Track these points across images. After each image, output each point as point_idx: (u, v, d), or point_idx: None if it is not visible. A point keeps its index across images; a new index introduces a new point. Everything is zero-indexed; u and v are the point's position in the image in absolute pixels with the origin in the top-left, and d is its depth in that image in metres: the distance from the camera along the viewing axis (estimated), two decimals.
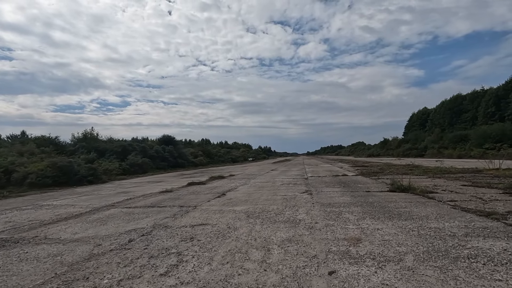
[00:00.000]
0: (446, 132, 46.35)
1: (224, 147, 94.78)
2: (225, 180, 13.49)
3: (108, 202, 7.55)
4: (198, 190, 9.68)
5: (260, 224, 4.42)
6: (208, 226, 4.46)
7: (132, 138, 35.56)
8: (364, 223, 4.19)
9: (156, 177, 18.85)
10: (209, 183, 12.24)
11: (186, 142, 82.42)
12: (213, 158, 51.50)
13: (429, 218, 4.37)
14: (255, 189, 9.19)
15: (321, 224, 4.25)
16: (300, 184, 10.27)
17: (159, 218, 5.22)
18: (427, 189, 7.30)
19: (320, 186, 9.38)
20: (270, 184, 10.56)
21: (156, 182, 14.09)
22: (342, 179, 11.46)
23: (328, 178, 12.40)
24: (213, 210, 5.74)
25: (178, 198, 7.75)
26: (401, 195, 6.83)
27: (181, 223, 4.72)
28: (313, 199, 6.69)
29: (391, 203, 5.72)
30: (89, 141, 26.24)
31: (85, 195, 9.58)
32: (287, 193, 7.84)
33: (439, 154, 39.04)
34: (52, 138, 27.26)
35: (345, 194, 7.22)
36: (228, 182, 12.34)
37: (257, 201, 6.74)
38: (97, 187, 12.78)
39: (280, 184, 10.58)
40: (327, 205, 5.81)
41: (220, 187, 10.43)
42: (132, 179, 17.85)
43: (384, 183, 9.37)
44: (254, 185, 10.47)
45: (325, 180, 11.51)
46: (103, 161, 22.04)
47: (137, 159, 25.29)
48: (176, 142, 39.61)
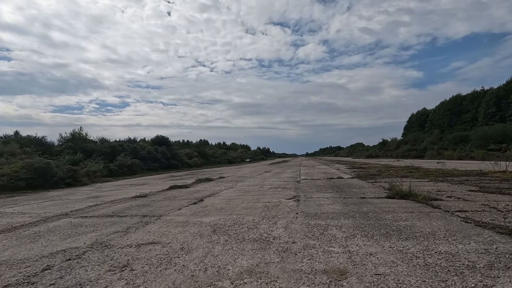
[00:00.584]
0: (446, 133, 45.55)
1: (222, 148, 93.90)
2: (211, 183, 12.55)
3: (66, 210, 6.60)
4: (176, 194, 8.75)
5: (223, 244, 3.49)
6: (158, 245, 3.53)
7: (126, 139, 34.54)
8: (354, 244, 3.27)
9: (143, 179, 17.90)
10: (193, 186, 11.30)
11: (184, 143, 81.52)
12: (209, 159, 50.53)
13: (436, 236, 3.45)
14: (239, 194, 8.26)
15: (299, 244, 3.33)
16: (290, 188, 9.35)
17: (106, 232, 4.28)
18: (430, 195, 6.39)
19: (310, 190, 8.46)
20: (257, 188, 9.63)
21: (139, 185, 13.14)
22: (337, 183, 10.54)
23: (322, 181, 11.48)
24: (177, 222, 4.81)
25: (148, 205, 6.82)
26: (401, 202, 5.92)
27: (128, 241, 3.79)
28: (298, 207, 5.77)
29: (388, 214, 4.80)
30: (76, 142, 25.26)
31: (50, 200, 8.63)
32: (272, 200, 6.92)
33: (439, 156, 38.20)
34: (39, 138, 26.30)
35: (336, 201, 6.30)
36: (214, 185, 11.41)
37: (234, 209, 5.81)
38: (72, 190, 11.83)
39: (268, 188, 9.66)
40: (313, 216, 4.88)
41: (202, 191, 9.49)
42: (116, 181, 16.90)
43: (382, 188, 8.45)
44: (240, 189, 9.54)
45: (318, 183, 10.59)
46: (89, 163, 21.07)
47: (126, 160, 24.32)
48: (170, 143, 38.66)
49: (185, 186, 10.96)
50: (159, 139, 37.90)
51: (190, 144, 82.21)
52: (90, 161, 22.13)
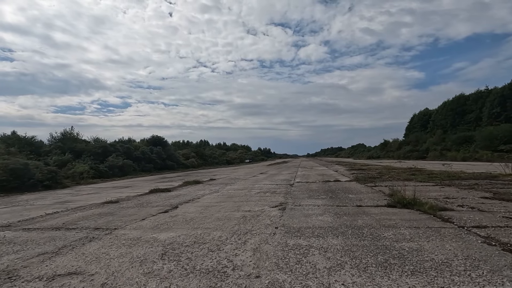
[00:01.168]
0: (449, 134, 44.44)
1: (222, 148, 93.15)
2: (198, 186, 11.64)
3: (15, 219, 5.70)
4: (152, 200, 7.84)
5: (162, 278, 2.57)
6: (76, 279, 2.62)
7: (119, 139, 33.67)
8: (339, 282, 2.34)
9: (130, 181, 17.01)
10: (177, 190, 10.39)
11: (184, 144, 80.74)
12: (207, 160, 49.68)
13: (453, 269, 2.52)
14: (220, 200, 7.34)
15: (264, 281, 2.40)
16: (280, 193, 8.42)
17: (30, 254, 3.38)
18: (438, 203, 5.45)
19: (301, 196, 7.53)
20: (244, 193, 8.71)
21: (122, 188, 12.25)
22: (332, 187, 9.60)
23: (317, 184, 10.54)
24: (127, 239, 3.90)
25: (112, 214, 5.91)
26: (404, 213, 4.98)
27: (44, 270, 2.88)
28: (281, 218, 4.84)
29: (389, 230, 3.87)
30: (66, 142, 24.42)
31: (12, 206, 7.75)
32: (254, 208, 5.99)
33: (442, 157, 37.15)
34: (28, 138, 25.47)
35: (328, 211, 5.36)
36: (199, 189, 10.50)
37: (205, 221, 4.89)
38: (47, 194, 10.95)
39: (257, 192, 8.74)
40: (295, 232, 3.95)
41: (182, 196, 8.58)
42: (103, 183, 16.02)
43: (382, 193, 7.51)
44: (225, 194, 8.63)
45: (312, 187, 9.66)
46: (77, 163, 20.22)
47: (117, 161, 23.46)
48: (166, 143, 37.77)
49: (168, 190, 10.05)
50: (155, 139, 37.04)
51: (190, 144, 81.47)
52: (79, 161, 21.27)
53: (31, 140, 25.20)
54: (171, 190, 10.11)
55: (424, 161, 34.51)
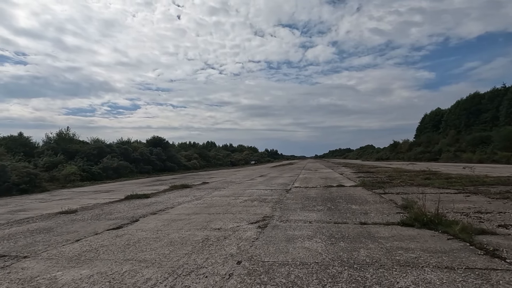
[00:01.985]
0: (463, 134, 42.20)
1: (228, 150, 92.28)
2: (184, 191, 10.39)
3: None
4: (116, 210, 6.61)
5: None
6: None
7: (119, 140, 32.81)
8: None
9: (119, 184, 15.90)
10: (157, 196, 9.17)
11: (191, 145, 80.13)
12: (210, 161, 48.63)
13: None
14: (194, 211, 6.05)
15: None
16: (270, 201, 7.09)
17: None
18: (471, 221, 4.04)
19: (294, 206, 6.18)
20: (228, 201, 7.41)
21: (102, 192, 11.11)
22: (334, 193, 8.21)
23: (317, 190, 9.17)
24: (14, 281, 2.64)
25: (50, 230, 4.69)
26: (425, 237, 3.59)
27: None
28: (253, 244, 3.51)
29: (406, 275, 2.50)
30: (60, 142, 23.60)
31: None
32: (227, 225, 4.67)
33: (456, 158, 35.09)
34: (25, 139, 24.80)
35: (320, 231, 4.01)
36: (183, 194, 9.25)
37: (151, 246, 3.60)
38: (13, 199, 9.87)
39: (243, 200, 7.43)
40: (261, 273, 2.62)
41: (156, 204, 7.33)
42: (89, 186, 14.96)
43: (393, 203, 6.10)
44: (206, 202, 7.34)
45: (310, 194, 8.29)
46: (69, 165, 19.28)
47: (111, 162, 22.49)
48: (167, 144, 36.80)
49: (146, 196, 8.83)
50: (155, 140, 36.11)
51: (197, 145, 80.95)
52: (71, 163, 20.34)
53: (25, 141, 24.53)
54: (149, 196, 8.89)
55: (437, 163, 32.56)
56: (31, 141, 24.99)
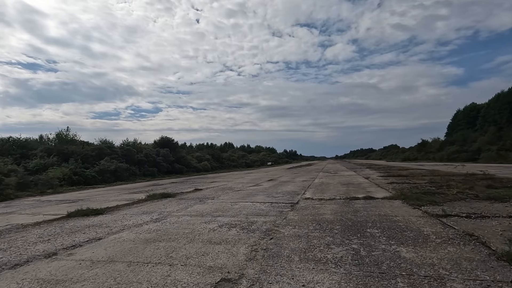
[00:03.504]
0: (506, 131, 37.16)
1: (245, 151, 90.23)
2: (157, 204, 7.92)
3: None
4: (18, 241, 4.21)
5: None
6: None
7: (125, 141, 31.25)
8: None
9: (105, 190, 13.79)
10: (112, 212, 6.76)
11: (208, 146, 78.98)
12: (223, 163, 46.51)
13: None
14: (122, 251, 3.51)
15: None
16: (257, 230, 4.41)
17: None
18: None
19: (291, 248, 3.47)
20: (193, 227, 4.81)
21: (67, 203, 8.92)
22: (361, 214, 5.38)
23: (335, 206, 6.36)
24: None
25: None
26: None
27: None
28: None
29: None
30: (56, 143, 22.16)
31: None
32: None
33: (500, 158, 30.53)
34: (22, 140, 23.60)
35: None
36: (147, 211, 6.78)
37: None
38: None
39: (217, 226, 4.81)
40: None
41: (92, 228, 4.89)
42: (70, 192, 12.95)
43: (482, 246, 3.22)
44: (161, 229, 4.79)
45: (323, 214, 5.52)
46: (59, 168, 17.55)
47: (109, 164, 20.65)
48: (175, 145, 34.94)
49: (96, 213, 6.43)
50: (164, 141, 34.34)
51: (214, 147, 79.77)
52: (64, 166, 18.65)
53: (23, 143, 23.31)
54: (101, 213, 6.48)
55: (478, 164, 28.26)
56: (28, 142, 23.80)
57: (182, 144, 51.38)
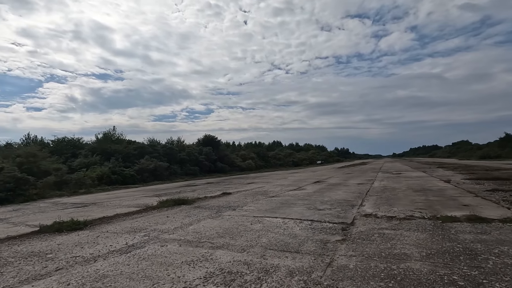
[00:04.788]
0: None
1: (294, 149, 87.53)
2: (155, 216, 6.13)
3: None
4: None
5: None
6: None
7: (169, 140, 31.27)
8: None
9: (135, 190, 12.78)
10: (105, 223, 5.13)
11: (256, 145, 78.53)
12: (269, 161, 44.60)
13: None
14: None
15: None
16: None
17: None
18: None
19: None
20: (167, 273, 2.76)
21: (77, 207, 7.76)
22: (487, 262, 2.71)
23: (420, 235, 3.74)
24: None
25: None
26: None
27: None
28: None
29: None
30: (102, 143, 22.55)
31: None
32: None
33: None
34: (75, 140, 24.68)
35: None
36: (133, 228, 4.98)
37: None
38: None
39: (202, 278, 2.68)
40: None
41: (23, 262, 3.17)
42: (99, 193, 12.23)
43: None
44: (118, 271, 2.85)
45: (405, 256, 2.99)
46: (98, 167, 17.44)
47: (148, 163, 20.17)
48: (218, 143, 34.01)
49: (75, 227, 4.85)
50: (207, 139, 33.69)
51: (262, 145, 78.99)
52: (105, 165, 18.57)
53: (76, 143, 24.35)
54: (81, 228, 4.88)
55: None
56: (82, 142, 24.79)
57: (227, 143, 50.95)
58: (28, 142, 23.68)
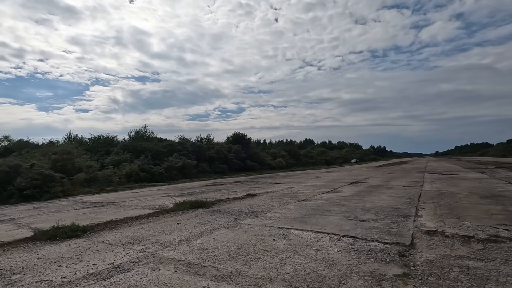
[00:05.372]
0: None
1: (326, 147, 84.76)
2: (162, 224, 5.34)
3: None
4: None
5: None
6: None
7: (199, 138, 31.20)
8: None
9: (163, 188, 12.39)
10: (87, 237, 4.45)
11: (287, 143, 77.36)
12: (300, 160, 43.09)
13: None
14: None
15: None
16: None
17: None
18: None
19: None
20: None
21: (94, 206, 7.35)
22: None
23: None
24: None
25: None
26: None
27: None
28: None
29: None
30: (134, 141, 22.87)
31: None
32: None
33: None
34: (110, 138, 25.44)
35: None
36: (121, 242, 4.20)
37: None
38: None
39: None
40: None
41: None
42: (123, 191, 12.01)
43: None
44: None
45: None
46: (127, 164, 17.53)
47: (176, 161, 19.97)
48: (248, 141, 33.30)
49: (72, 234, 4.23)
50: (236, 137, 33.14)
51: (294, 143, 77.58)
52: (136, 162, 18.67)
53: (110, 141, 25.04)
54: (79, 236, 4.22)
55: None
56: (116, 140, 25.46)
57: (257, 141, 50.16)
58: (70, 140, 24.82)
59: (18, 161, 10.72)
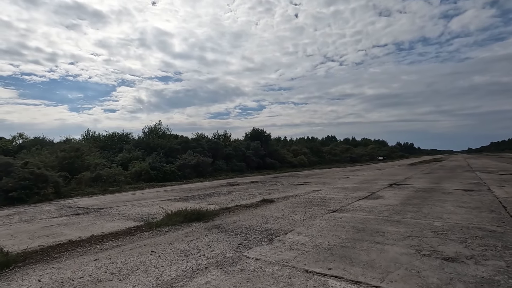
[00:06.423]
0: None
1: (350, 144, 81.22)
2: (126, 251, 3.71)
3: None
4: None
5: None
6: None
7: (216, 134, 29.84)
8: None
9: (171, 189, 10.97)
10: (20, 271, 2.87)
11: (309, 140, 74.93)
12: (323, 157, 40.68)
13: None
14: None
15: None
16: None
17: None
18: None
19: None
20: None
21: (76, 214, 5.96)
22: None
23: None
24: None
25: None
26: None
27: None
28: None
29: None
30: (146, 137, 21.85)
31: None
32: None
33: None
34: (125, 135, 24.66)
35: None
36: (63, 280, 2.56)
37: None
38: None
39: None
40: None
41: None
42: (132, 191, 10.72)
43: None
44: None
45: None
46: (137, 162, 16.38)
47: (190, 158, 18.62)
48: (267, 138, 31.48)
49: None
50: (255, 133, 31.44)
51: (315, 140, 74.90)
52: (146, 160, 17.54)
53: (125, 138, 24.25)
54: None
55: None
56: (131, 137, 24.66)
57: (277, 138, 48.14)
58: (87, 138, 24.27)
59: (8, 159, 9.63)
